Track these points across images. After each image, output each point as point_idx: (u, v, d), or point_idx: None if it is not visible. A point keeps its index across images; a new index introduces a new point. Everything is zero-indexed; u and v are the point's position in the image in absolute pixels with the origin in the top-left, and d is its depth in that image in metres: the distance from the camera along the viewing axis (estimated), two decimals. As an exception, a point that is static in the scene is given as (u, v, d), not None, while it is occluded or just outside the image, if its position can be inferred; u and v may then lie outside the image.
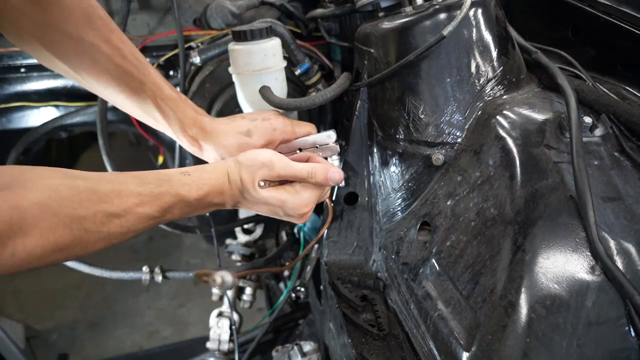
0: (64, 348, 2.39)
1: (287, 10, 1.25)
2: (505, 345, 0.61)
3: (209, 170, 0.79)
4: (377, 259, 0.96)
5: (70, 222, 0.59)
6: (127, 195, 0.66)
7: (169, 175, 0.74)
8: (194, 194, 0.74)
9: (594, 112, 0.77)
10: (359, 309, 0.88)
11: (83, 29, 0.80)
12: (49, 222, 0.57)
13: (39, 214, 0.56)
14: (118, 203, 0.65)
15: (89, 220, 0.61)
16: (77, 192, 0.61)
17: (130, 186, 0.68)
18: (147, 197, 0.68)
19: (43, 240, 0.56)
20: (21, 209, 0.55)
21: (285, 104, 0.95)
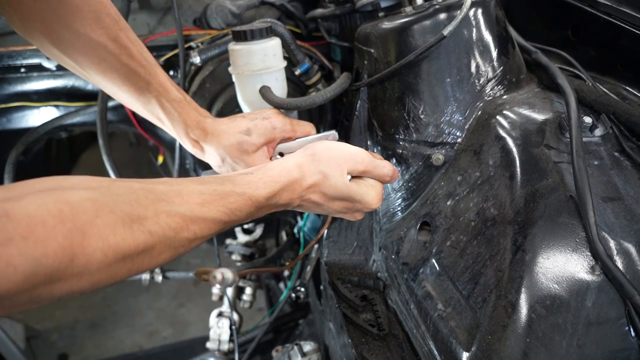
0: (64, 348, 2.39)
1: (287, 10, 1.25)
2: (505, 345, 0.61)
3: (275, 168, 0.73)
4: (377, 259, 0.96)
5: (131, 222, 0.51)
6: (189, 194, 0.59)
7: (230, 176, 0.69)
8: (263, 192, 0.68)
9: (594, 112, 0.77)
10: (359, 309, 0.88)
11: (91, 27, 0.80)
12: (105, 219, 0.49)
13: (93, 209, 0.48)
14: (180, 202, 0.57)
15: (152, 221, 0.53)
16: (132, 191, 0.54)
17: (190, 185, 0.61)
18: (210, 196, 0.61)
19: (103, 242, 0.48)
20: (72, 204, 0.47)
21: (286, 103, 0.95)
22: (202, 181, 0.63)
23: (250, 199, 0.65)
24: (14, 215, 0.42)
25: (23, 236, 0.42)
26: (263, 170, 0.72)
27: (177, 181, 0.61)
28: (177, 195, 0.58)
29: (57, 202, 0.46)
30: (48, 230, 0.44)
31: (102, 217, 0.48)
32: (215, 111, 1.17)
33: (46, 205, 0.45)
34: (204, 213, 0.59)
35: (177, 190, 0.58)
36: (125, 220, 0.51)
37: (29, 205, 0.44)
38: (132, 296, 2.68)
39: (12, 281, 0.41)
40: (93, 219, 0.48)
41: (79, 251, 0.46)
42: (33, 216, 0.43)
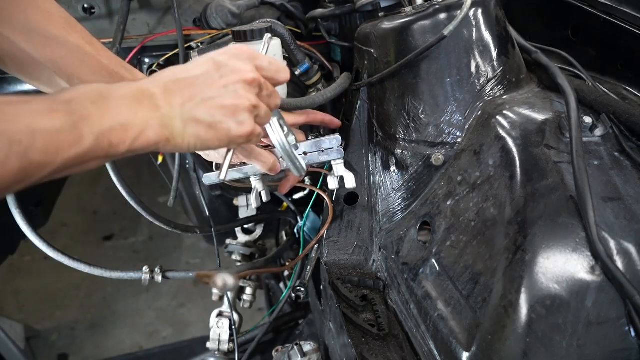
0: (64, 348, 2.39)
1: (287, 10, 1.25)
2: (505, 345, 0.61)
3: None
4: (377, 259, 0.96)
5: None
6: (7, 96, 0.51)
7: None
8: (95, 85, 0.58)
9: (594, 112, 0.77)
10: (359, 309, 0.88)
11: (66, 30, 0.79)
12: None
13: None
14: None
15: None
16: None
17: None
18: (32, 97, 0.52)
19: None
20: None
21: (285, 104, 0.95)
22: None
23: (85, 87, 0.57)
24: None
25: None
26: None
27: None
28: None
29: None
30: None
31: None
32: (215, 111, 1.16)
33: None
34: (31, 107, 0.51)
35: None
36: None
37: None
38: (132, 296, 2.68)
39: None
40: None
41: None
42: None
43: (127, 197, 1.08)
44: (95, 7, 1.22)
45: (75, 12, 1.21)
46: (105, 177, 1.06)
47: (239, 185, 1.02)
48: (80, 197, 3.31)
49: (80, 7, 1.21)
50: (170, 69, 0.65)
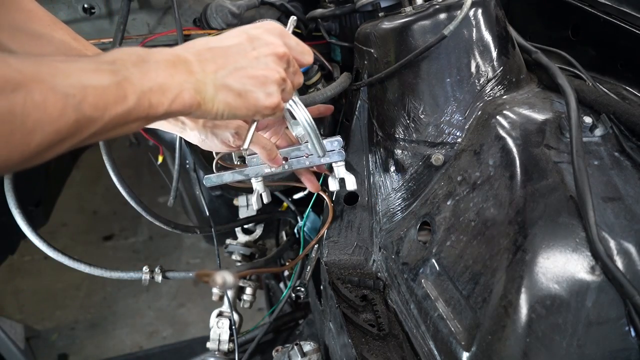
0: (64, 348, 2.39)
1: (287, 10, 1.25)
2: (505, 345, 0.61)
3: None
4: (377, 259, 0.96)
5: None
6: (54, 57, 0.53)
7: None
8: (142, 50, 0.60)
9: (594, 112, 0.77)
10: (359, 309, 0.88)
11: (51, 27, 0.79)
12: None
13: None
14: (43, 57, 0.52)
15: (17, 62, 0.47)
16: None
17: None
18: (77, 57, 0.55)
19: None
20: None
21: (285, 103, 0.95)
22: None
23: (125, 50, 0.59)
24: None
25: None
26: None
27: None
28: (41, 56, 0.53)
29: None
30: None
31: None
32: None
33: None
34: (77, 64, 0.53)
35: (41, 55, 0.52)
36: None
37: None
38: (132, 296, 2.68)
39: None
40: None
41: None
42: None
43: (127, 197, 1.08)
44: (95, 7, 1.22)
45: (75, 12, 1.21)
46: (105, 177, 1.06)
47: (240, 185, 1.02)
48: (80, 197, 3.32)
49: (80, 7, 1.21)
50: (204, 38, 0.67)
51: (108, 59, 0.56)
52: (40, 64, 0.49)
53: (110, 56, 0.57)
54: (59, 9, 1.20)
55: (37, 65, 0.49)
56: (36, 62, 0.49)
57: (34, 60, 0.49)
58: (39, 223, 1.74)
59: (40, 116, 0.47)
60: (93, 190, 3.35)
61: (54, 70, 0.50)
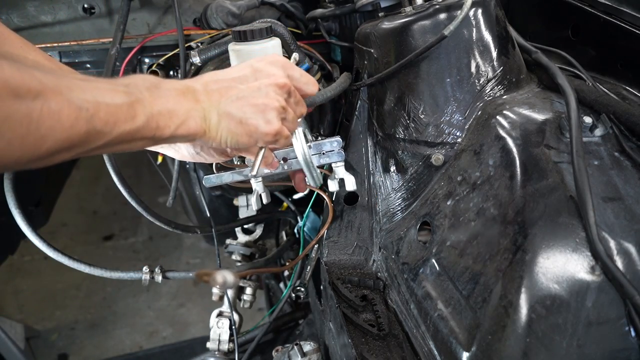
0: (64, 348, 2.39)
1: (287, 10, 1.25)
2: (505, 345, 0.61)
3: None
4: (377, 259, 0.96)
5: (18, 68, 0.49)
6: (73, 75, 0.58)
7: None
8: (152, 77, 0.66)
9: (594, 112, 0.77)
10: (359, 309, 0.88)
11: (24, 49, 0.79)
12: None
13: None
14: (64, 75, 0.56)
15: (41, 75, 0.51)
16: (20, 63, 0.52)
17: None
18: (93, 78, 0.59)
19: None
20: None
21: (285, 104, 0.95)
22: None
23: (139, 76, 0.64)
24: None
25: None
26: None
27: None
28: (61, 74, 0.57)
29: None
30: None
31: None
32: (215, 111, 1.16)
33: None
34: (96, 84, 0.57)
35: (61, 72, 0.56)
36: (12, 65, 0.49)
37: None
38: (132, 296, 2.68)
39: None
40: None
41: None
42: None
43: (127, 197, 1.08)
44: (95, 6, 1.22)
45: (75, 12, 1.21)
46: (105, 177, 1.06)
47: (239, 185, 1.02)
48: (80, 197, 3.32)
49: (80, 7, 1.21)
50: (213, 72, 0.73)
51: (123, 81, 0.61)
52: (61, 78, 0.54)
53: (126, 79, 0.62)
54: (59, 9, 1.20)
55: (58, 79, 0.53)
56: (57, 77, 0.53)
57: (56, 75, 0.54)
58: (39, 223, 1.74)
59: (54, 124, 0.51)
60: (93, 190, 3.35)
61: (72, 85, 0.54)
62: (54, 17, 1.20)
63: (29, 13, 1.18)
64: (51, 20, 1.20)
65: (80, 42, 1.21)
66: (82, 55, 1.25)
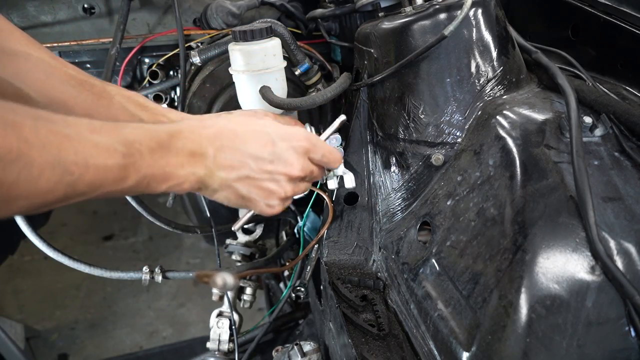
0: (64, 348, 2.39)
1: (287, 10, 1.25)
2: (505, 345, 0.61)
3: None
4: (377, 259, 0.96)
5: (3, 124, 0.45)
6: (76, 121, 0.53)
7: (125, 122, 0.66)
8: (162, 126, 0.62)
9: (594, 112, 0.77)
10: (359, 309, 0.88)
11: (27, 46, 0.78)
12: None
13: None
14: (64, 124, 0.51)
15: (30, 131, 0.46)
16: (6, 102, 0.48)
17: (80, 118, 0.55)
18: (100, 125, 0.55)
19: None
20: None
21: (286, 104, 0.95)
22: (94, 119, 0.57)
23: (148, 132, 0.60)
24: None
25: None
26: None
27: (65, 115, 0.55)
28: (61, 119, 0.52)
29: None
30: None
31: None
32: (215, 111, 1.17)
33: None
34: (95, 138, 0.53)
35: (62, 116, 0.52)
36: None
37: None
38: (132, 296, 2.68)
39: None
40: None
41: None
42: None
43: (127, 197, 1.08)
44: (95, 7, 1.22)
45: (75, 12, 1.21)
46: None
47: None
48: (80, 197, 3.31)
49: (80, 7, 1.21)
50: (233, 130, 0.69)
51: (129, 138, 0.57)
52: (54, 133, 0.49)
53: (133, 134, 0.57)
54: (59, 9, 1.20)
55: (51, 134, 0.48)
56: (52, 130, 0.49)
57: (53, 125, 0.49)
58: (39, 223, 1.74)
59: (29, 188, 0.47)
60: (93, 190, 3.35)
61: (66, 143, 0.50)
62: (54, 17, 1.20)
63: (29, 13, 1.19)
64: (51, 20, 1.20)
65: (80, 42, 1.21)
66: (82, 55, 1.25)
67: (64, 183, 0.49)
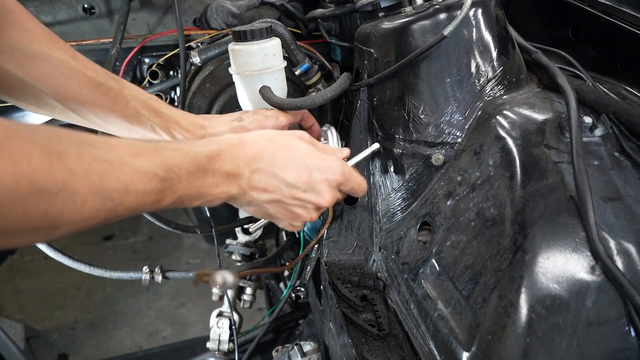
0: (64, 348, 2.39)
1: (287, 10, 1.25)
2: (505, 345, 0.61)
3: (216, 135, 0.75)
4: (377, 259, 0.96)
5: (49, 155, 0.45)
6: (118, 144, 0.54)
7: (167, 140, 0.68)
8: (201, 148, 0.63)
9: (594, 112, 0.77)
10: (359, 309, 0.88)
11: (49, 47, 0.79)
12: (19, 145, 0.43)
13: (4, 132, 0.42)
14: (107, 149, 0.52)
15: (74, 159, 0.47)
16: (52, 129, 0.49)
17: (121, 139, 0.57)
18: (142, 148, 0.56)
19: (14, 166, 0.42)
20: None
21: (286, 104, 0.95)
22: (135, 139, 0.59)
23: (187, 155, 0.61)
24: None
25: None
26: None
27: (106, 135, 0.57)
28: (104, 143, 0.53)
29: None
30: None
31: (14, 142, 0.42)
32: (215, 111, 1.17)
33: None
34: (135, 163, 0.54)
35: (105, 139, 0.54)
36: (43, 151, 0.45)
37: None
38: (132, 296, 2.68)
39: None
40: (3, 142, 0.41)
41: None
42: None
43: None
44: (95, 7, 1.22)
45: (75, 12, 1.21)
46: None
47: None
48: (80, 197, 3.31)
49: (80, 7, 1.21)
50: (273, 155, 0.71)
51: (169, 162, 0.58)
52: (100, 160, 0.50)
53: (173, 158, 0.59)
54: (59, 9, 1.20)
55: (95, 162, 0.49)
56: (95, 159, 0.50)
57: (96, 150, 0.50)
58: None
59: (73, 217, 0.48)
60: (93, 190, 3.35)
61: (109, 170, 0.51)
62: (54, 17, 1.20)
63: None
64: (51, 20, 1.20)
65: (80, 42, 1.21)
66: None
67: (105, 209, 0.51)
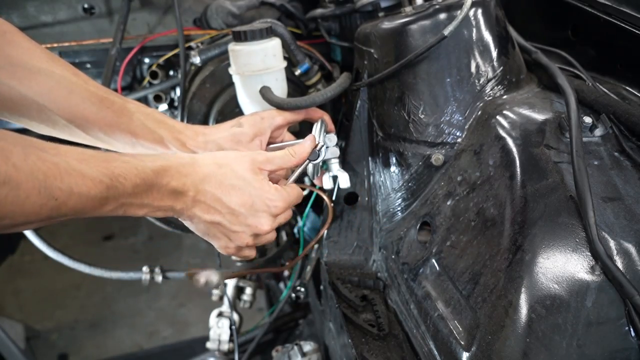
0: (64, 348, 2.39)
1: (287, 10, 1.25)
2: (505, 345, 0.61)
3: (169, 152, 0.77)
4: (377, 259, 0.96)
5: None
6: (67, 150, 0.57)
7: (120, 153, 0.71)
8: (150, 164, 0.65)
9: (594, 112, 0.77)
10: (359, 309, 0.88)
11: (49, 63, 0.80)
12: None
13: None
14: (54, 152, 0.55)
15: (18, 157, 0.50)
16: (2, 132, 0.52)
17: (72, 147, 0.59)
18: (91, 157, 0.59)
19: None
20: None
21: (285, 103, 0.95)
22: (85, 149, 0.61)
23: (135, 168, 0.63)
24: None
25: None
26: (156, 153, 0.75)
27: (57, 144, 0.59)
28: (52, 148, 0.56)
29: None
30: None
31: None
32: (215, 111, 1.17)
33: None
34: (82, 168, 0.57)
35: (55, 145, 0.56)
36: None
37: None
38: (132, 296, 2.68)
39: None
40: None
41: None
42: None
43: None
44: (95, 7, 1.22)
45: (75, 12, 1.21)
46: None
47: None
48: (80, 197, 3.31)
49: (80, 7, 1.21)
50: (220, 181, 0.73)
51: (115, 171, 0.61)
52: (43, 161, 0.53)
53: (120, 169, 0.61)
54: (59, 9, 1.20)
55: (40, 161, 0.53)
56: (41, 158, 0.53)
57: (42, 154, 0.53)
58: (39, 223, 1.74)
59: (16, 209, 0.51)
60: (93, 190, 3.34)
61: (54, 170, 0.54)
62: (54, 17, 1.20)
63: (29, 13, 1.19)
64: (51, 20, 1.20)
65: (80, 42, 1.21)
66: (82, 55, 1.25)
67: (49, 207, 0.54)
